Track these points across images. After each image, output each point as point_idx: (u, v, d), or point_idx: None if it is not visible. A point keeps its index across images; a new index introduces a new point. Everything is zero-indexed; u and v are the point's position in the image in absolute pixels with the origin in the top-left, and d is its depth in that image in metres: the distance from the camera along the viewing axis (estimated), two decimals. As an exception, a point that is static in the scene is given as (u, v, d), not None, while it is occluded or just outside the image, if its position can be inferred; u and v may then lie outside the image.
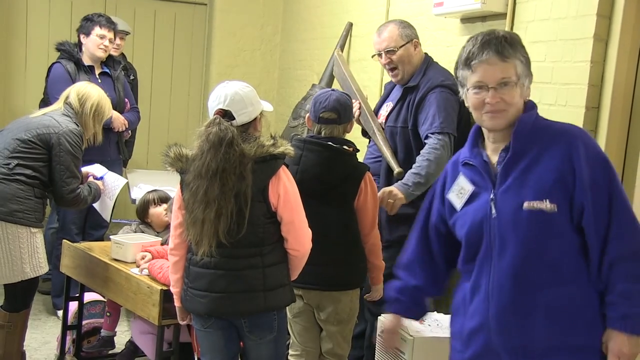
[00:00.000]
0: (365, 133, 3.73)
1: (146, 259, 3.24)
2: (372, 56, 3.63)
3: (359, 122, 3.59)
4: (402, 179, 3.26)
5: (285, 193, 2.60)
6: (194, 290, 2.64)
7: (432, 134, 3.28)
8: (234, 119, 2.58)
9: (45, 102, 4.54)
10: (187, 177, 2.59)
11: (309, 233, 2.67)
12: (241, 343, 2.78)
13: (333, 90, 3.12)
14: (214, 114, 2.59)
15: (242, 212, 2.52)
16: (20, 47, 5.60)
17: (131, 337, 3.76)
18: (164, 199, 3.84)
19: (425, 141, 3.30)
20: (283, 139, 2.67)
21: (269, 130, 2.74)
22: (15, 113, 5.10)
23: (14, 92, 5.60)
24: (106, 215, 3.93)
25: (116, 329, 3.88)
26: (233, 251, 2.57)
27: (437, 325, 3.19)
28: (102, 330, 3.84)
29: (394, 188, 3.22)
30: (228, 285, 2.58)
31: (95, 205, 3.80)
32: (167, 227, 3.67)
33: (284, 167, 2.62)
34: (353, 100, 3.52)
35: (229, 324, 2.69)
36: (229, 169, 2.50)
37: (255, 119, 2.66)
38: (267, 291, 2.60)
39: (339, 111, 2.96)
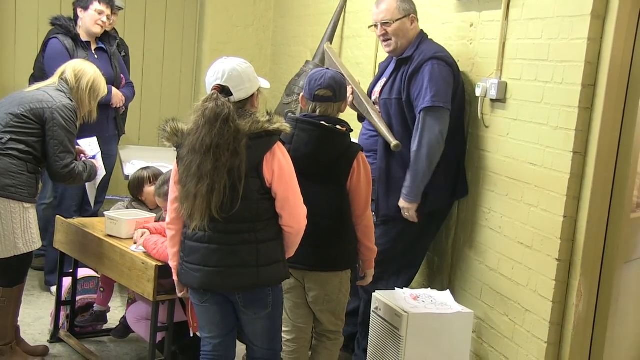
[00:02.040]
0: (360, 118, 3.73)
1: (145, 236, 3.24)
2: (369, 27, 3.63)
3: (353, 107, 3.59)
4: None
5: (280, 169, 2.59)
6: (188, 264, 2.65)
7: (423, 109, 3.30)
8: (232, 95, 2.58)
9: (35, 78, 4.50)
10: (182, 152, 2.59)
11: (304, 210, 2.67)
12: None
13: (327, 69, 3.11)
14: (212, 90, 2.58)
15: (236, 188, 2.52)
16: (10, 21, 5.53)
17: (125, 313, 3.77)
18: (159, 177, 3.82)
19: (418, 116, 3.33)
20: (278, 116, 2.67)
21: (265, 107, 2.73)
22: (5, 88, 5.05)
23: (3, 67, 5.53)
24: (91, 198, 3.91)
25: (109, 305, 3.89)
26: (226, 226, 2.57)
27: (431, 301, 3.22)
28: (94, 305, 3.84)
29: (401, 203, 3.38)
30: (221, 259, 2.59)
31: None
32: (160, 204, 3.65)
33: (279, 143, 2.62)
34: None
35: (225, 299, 2.70)
36: (222, 145, 2.49)
37: (253, 95, 2.66)
38: (261, 267, 2.61)
39: (334, 89, 2.94)
